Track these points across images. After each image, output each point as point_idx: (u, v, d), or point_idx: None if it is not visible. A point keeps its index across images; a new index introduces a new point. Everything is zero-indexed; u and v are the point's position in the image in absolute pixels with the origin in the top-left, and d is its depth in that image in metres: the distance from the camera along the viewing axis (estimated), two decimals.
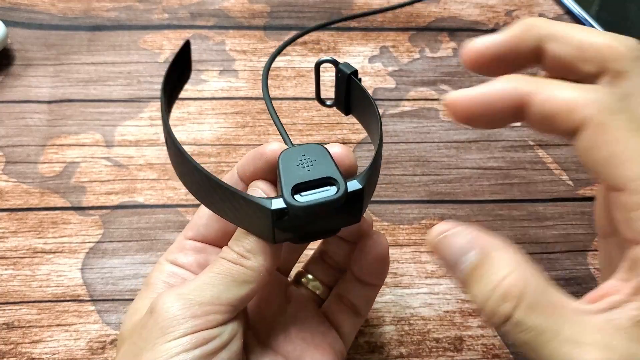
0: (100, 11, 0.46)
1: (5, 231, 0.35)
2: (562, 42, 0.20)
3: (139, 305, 0.24)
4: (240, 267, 0.22)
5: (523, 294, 0.17)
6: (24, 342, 0.32)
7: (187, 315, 0.21)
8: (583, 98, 0.18)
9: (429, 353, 0.32)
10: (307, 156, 0.22)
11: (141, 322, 0.23)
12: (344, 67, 0.26)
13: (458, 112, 0.20)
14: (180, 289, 0.22)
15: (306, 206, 0.21)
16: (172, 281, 0.25)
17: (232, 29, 0.46)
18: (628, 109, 0.17)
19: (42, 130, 0.39)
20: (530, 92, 0.19)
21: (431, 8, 0.48)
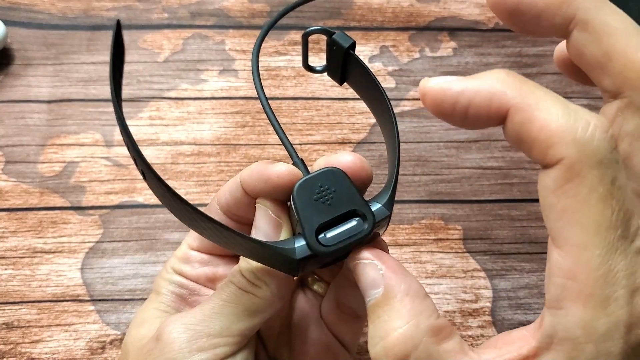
0: (99, 11, 0.46)
1: (5, 231, 0.35)
2: (592, 39, 0.17)
3: (146, 316, 0.24)
4: (251, 295, 0.21)
5: (406, 355, 0.16)
6: (23, 342, 0.32)
7: (193, 348, 0.21)
8: (568, 132, 0.15)
9: None
10: (324, 186, 0.20)
11: (147, 346, 0.22)
12: (340, 38, 0.23)
13: (433, 103, 0.17)
14: (187, 318, 0.22)
15: (333, 251, 0.19)
16: (182, 293, 0.25)
17: (232, 28, 0.45)
18: (614, 165, 0.15)
19: (42, 129, 0.39)
20: (512, 103, 0.16)
21: (431, 7, 0.48)
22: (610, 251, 0.14)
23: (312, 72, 0.26)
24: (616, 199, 0.14)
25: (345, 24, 0.46)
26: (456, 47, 0.45)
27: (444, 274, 0.35)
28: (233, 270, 0.22)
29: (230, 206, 0.24)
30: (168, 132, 0.40)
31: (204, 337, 0.21)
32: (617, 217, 0.14)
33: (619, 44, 0.16)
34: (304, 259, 0.19)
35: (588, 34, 0.17)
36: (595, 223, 0.14)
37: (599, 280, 0.15)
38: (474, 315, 0.34)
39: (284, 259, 0.19)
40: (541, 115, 0.15)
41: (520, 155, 0.40)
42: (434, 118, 0.42)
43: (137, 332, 0.23)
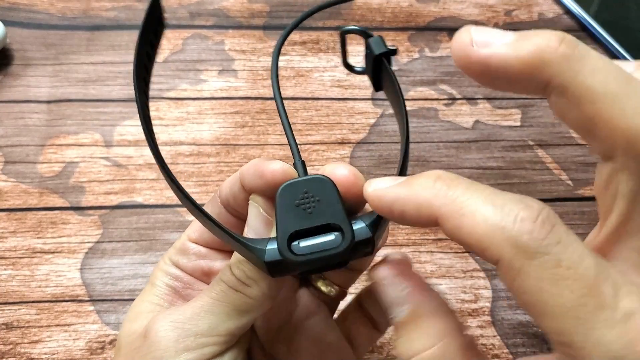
0: (99, 11, 0.46)
1: (4, 231, 0.35)
2: (572, 104, 0.15)
3: (140, 309, 0.24)
4: (241, 294, 0.21)
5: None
6: (23, 342, 0.32)
7: (180, 348, 0.20)
8: (495, 233, 0.14)
9: None
10: (310, 193, 0.19)
11: (135, 343, 0.22)
12: (374, 44, 0.22)
13: (375, 208, 0.18)
14: (176, 315, 0.21)
15: (302, 261, 0.18)
16: (177, 285, 0.25)
17: (232, 28, 0.45)
18: (553, 248, 0.14)
19: (41, 130, 0.39)
20: (439, 213, 0.16)
21: (431, 8, 0.48)
22: (589, 328, 0.14)
23: (351, 71, 0.25)
24: (571, 278, 0.14)
25: (345, 24, 0.46)
26: None
27: (444, 274, 0.35)
28: (223, 267, 0.22)
29: (229, 201, 0.24)
30: (167, 132, 0.40)
31: (191, 336, 0.21)
32: (579, 293, 0.14)
33: (602, 110, 0.15)
34: (273, 263, 0.18)
35: (567, 99, 0.15)
36: (560, 307, 0.14)
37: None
38: (473, 315, 0.34)
39: (255, 259, 0.19)
40: (467, 222, 0.15)
41: (520, 155, 0.40)
42: (434, 118, 0.42)
43: (130, 327, 0.23)
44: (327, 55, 0.44)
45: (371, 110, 0.42)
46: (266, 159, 0.21)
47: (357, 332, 0.26)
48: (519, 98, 0.43)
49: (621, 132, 0.15)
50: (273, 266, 0.18)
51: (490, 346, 0.32)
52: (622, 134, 0.15)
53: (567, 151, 0.40)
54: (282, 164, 0.21)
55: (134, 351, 0.21)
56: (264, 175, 0.21)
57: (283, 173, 0.20)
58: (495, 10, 0.47)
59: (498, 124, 0.41)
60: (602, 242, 0.17)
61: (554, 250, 0.14)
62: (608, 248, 0.17)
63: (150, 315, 0.23)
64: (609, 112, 0.15)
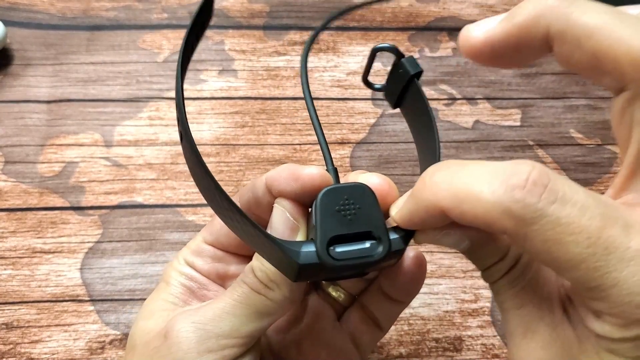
0: (99, 11, 0.46)
1: (4, 231, 0.35)
2: (574, 46, 0.16)
3: (154, 307, 0.24)
4: (263, 297, 0.21)
5: None
6: (23, 342, 0.32)
7: (202, 349, 0.20)
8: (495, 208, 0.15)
9: (429, 353, 0.32)
10: (350, 200, 0.19)
11: (154, 342, 0.22)
12: (408, 63, 0.23)
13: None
14: (197, 316, 0.21)
15: (340, 266, 0.18)
16: (192, 285, 0.25)
17: (232, 28, 0.45)
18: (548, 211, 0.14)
19: (41, 130, 0.39)
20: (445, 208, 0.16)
21: (431, 8, 0.48)
22: (605, 273, 0.14)
23: (369, 88, 0.25)
24: (574, 233, 0.14)
25: (345, 24, 0.46)
26: (455, 47, 0.45)
27: (444, 274, 0.35)
28: (246, 269, 0.22)
29: (250, 205, 0.24)
30: (167, 132, 0.40)
31: (212, 337, 0.21)
32: (585, 244, 0.14)
33: (602, 42, 0.15)
34: (307, 266, 0.18)
35: (567, 43, 0.16)
36: (571, 261, 0.14)
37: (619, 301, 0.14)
38: (473, 315, 0.34)
39: (287, 260, 0.19)
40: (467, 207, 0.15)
41: (520, 155, 0.40)
42: None
43: (145, 325, 0.23)
44: (327, 55, 0.44)
45: (371, 110, 0.42)
46: (299, 165, 0.22)
47: (361, 332, 0.26)
48: (518, 98, 0.43)
49: (625, 58, 0.15)
50: (305, 269, 0.19)
51: (491, 346, 0.33)
52: (627, 60, 0.15)
53: (567, 151, 0.40)
54: (319, 168, 0.21)
55: (153, 351, 0.21)
56: (300, 179, 0.21)
57: (321, 177, 0.21)
58: (495, 10, 0.48)
59: (498, 124, 0.41)
60: (623, 176, 0.17)
61: (550, 211, 0.14)
62: (629, 182, 0.17)
63: (164, 313, 0.23)
64: (608, 43, 0.15)
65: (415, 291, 0.25)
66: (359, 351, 0.26)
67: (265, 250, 0.20)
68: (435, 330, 0.33)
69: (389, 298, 0.25)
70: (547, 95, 0.43)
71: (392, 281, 0.24)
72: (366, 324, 0.26)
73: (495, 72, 0.44)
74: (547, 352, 0.17)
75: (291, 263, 0.19)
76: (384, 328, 0.26)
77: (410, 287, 0.24)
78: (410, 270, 0.24)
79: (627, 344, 0.15)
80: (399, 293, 0.25)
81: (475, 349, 0.32)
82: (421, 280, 0.24)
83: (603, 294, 0.14)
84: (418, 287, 0.25)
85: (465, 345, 0.33)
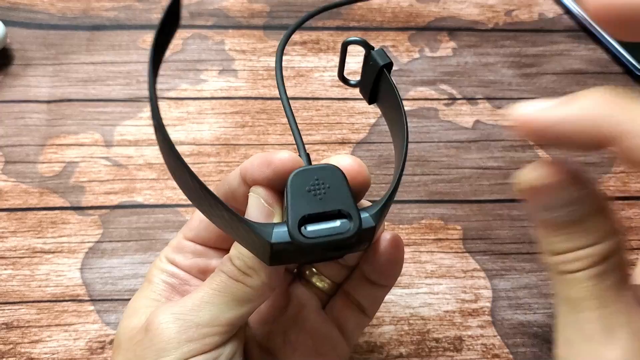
0: (99, 11, 0.46)
1: (5, 231, 0.35)
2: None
3: (138, 305, 0.24)
4: (241, 284, 0.21)
5: None
6: (23, 342, 0.32)
7: (182, 339, 0.21)
8: None
9: (429, 353, 0.32)
10: (320, 181, 0.20)
11: (137, 336, 0.22)
12: (377, 55, 0.23)
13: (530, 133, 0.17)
14: (177, 307, 0.22)
15: (312, 244, 0.19)
16: (173, 282, 0.25)
17: (232, 28, 0.45)
18: None
19: (42, 130, 0.39)
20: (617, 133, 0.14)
21: (431, 7, 0.48)
22: None
23: (345, 84, 0.25)
24: None
25: (345, 24, 0.46)
26: (455, 47, 0.45)
27: (444, 274, 0.35)
28: (223, 259, 0.22)
29: (227, 198, 0.24)
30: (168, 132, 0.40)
31: (193, 327, 0.21)
32: None
33: None
34: (279, 245, 0.19)
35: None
36: None
37: None
38: (473, 315, 0.34)
39: (260, 242, 0.19)
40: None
41: (520, 155, 0.40)
42: (434, 118, 0.42)
43: (129, 323, 0.23)
44: (328, 55, 0.44)
45: (371, 110, 0.42)
46: (271, 151, 0.22)
47: (346, 319, 0.26)
48: (519, 98, 0.43)
49: None
50: (278, 249, 0.19)
51: (491, 346, 0.33)
52: None
53: (566, 151, 0.40)
54: (290, 153, 0.21)
55: (136, 345, 0.22)
56: (272, 164, 0.21)
57: (292, 160, 0.21)
58: (495, 10, 0.47)
59: (498, 123, 0.41)
60: None
61: None
62: None
63: (147, 310, 0.23)
64: None
65: (395, 273, 0.25)
66: (345, 338, 0.26)
67: (240, 235, 0.20)
68: (435, 330, 0.33)
69: (371, 283, 0.25)
70: (547, 95, 0.43)
71: (371, 265, 0.25)
72: (351, 311, 0.26)
73: (495, 72, 0.44)
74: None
75: (264, 244, 0.19)
76: (369, 314, 0.27)
77: (389, 269, 0.25)
78: (388, 251, 0.24)
79: None
80: (379, 276, 0.25)
81: (476, 349, 0.32)
82: (399, 261, 0.25)
83: None
84: (397, 268, 0.25)
85: (466, 345, 0.33)
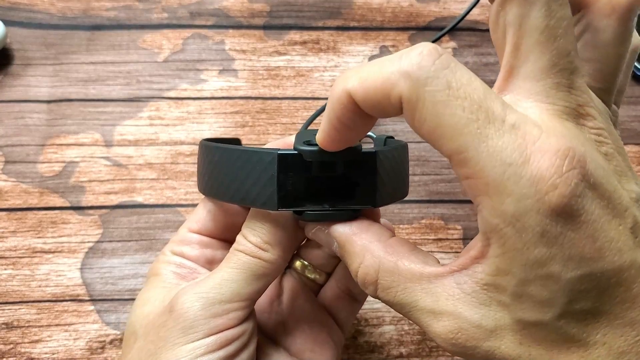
0: (99, 11, 0.46)
1: (5, 231, 0.35)
2: None
3: (149, 296, 0.24)
4: (258, 260, 0.22)
5: (376, 280, 0.19)
6: (23, 342, 0.32)
7: (208, 315, 0.21)
8: (393, 74, 0.16)
9: (429, 353, 0.32)
10: None
11: (159, 319, 0.22)
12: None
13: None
14: (198, 287, 0.22)
15: (315, 151, 0.20)
16: (182, 272, 0.25)
17: (232, 28, 0.45)
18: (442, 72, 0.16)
19: (42, 129, 0.39)
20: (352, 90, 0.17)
21: (431, 7, 0.48)
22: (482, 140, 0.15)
23: None
24: (461, 97, 0.15)
25: (345, 24, 0.46)
26: (456, 47, 0.45)
27: None
28: (237, 238, 0.23)
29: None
30: (168, 132, 0.40)
31: (216, 303, 0.22)
32: (470, 110, 0.15)
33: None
34: (284, 156, 0.20)
35: None
36: (455, 125, 0.15)
37: (492, 169, 0.15)
38: None
39: (265, 159, 0.20)
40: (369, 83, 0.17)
41: None
42: None
43: (142, 311, 0.24)
44: (328, 55, 0.44)
45: None
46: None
47: (338, 306, 0.28)
48: None
49: None
50: (284, 164, 0.20)
51: None
52: None
53: None
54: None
55: (158, 328, 0.22)
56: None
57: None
58: None
59: None
60: (500, 79, 0.18)
61: (442, 74, 0.16)
62: (506, 83, 0.18)
63: (160, 297, 0.23)
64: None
65: None
66: (339, 325, 0.28)
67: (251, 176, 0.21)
68: None
69: None
70: None
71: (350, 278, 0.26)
72: (342, 297, 0.28)
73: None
74: None
75: (270, 164, 0.20)
76: (360, 299, 0.28)
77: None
78: None
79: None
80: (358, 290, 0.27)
81: None
82: None
83: (478, 165, 0.15)
84: None
85: None
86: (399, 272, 0.18)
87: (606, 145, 0.17)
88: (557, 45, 0.16)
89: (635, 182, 0.17)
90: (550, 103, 0.16)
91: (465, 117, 0.15)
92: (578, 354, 0.16)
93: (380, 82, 0.16)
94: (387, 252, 0.19)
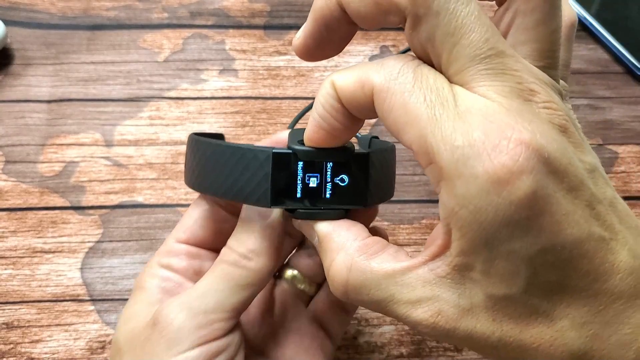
0: (99, 10, 0.46)
1: (5, 231, 0.35)
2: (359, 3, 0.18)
3: (135, 310, 0.24)
4: (243, 269, 0.22)
5: (347, 280, 0.19)
6: (23, 341, 0.32)
7: (192, 326, 0.21)
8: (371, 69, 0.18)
9: (429, 353, 0.32)
10: None
11: (143, 334, 0.22)
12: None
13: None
14: (182, 298, 0.22)
15: (310, 150, 0.20)
16: (167, 286, 0.25)
17: (232, 28, 0.45)
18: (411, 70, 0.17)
19: (42, 129, 0.39)
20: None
21: None
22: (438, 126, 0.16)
23: None
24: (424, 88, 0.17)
25: None
26: None
27: None
28: (222, 250, 0.23)
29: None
30: (168, 131, 0.40)
31: (200, 313, 0.21)
32: (430, 99, 0.16)
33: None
34: (279, 155, 0.21)
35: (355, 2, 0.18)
36: (416, 113, 0.16)
37: (444, 152, 0.16)
38: None
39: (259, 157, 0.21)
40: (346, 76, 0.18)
41: None
42: None
43: (126, 327, 0.23)
44: None
45: None
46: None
47: (329, 318, 0.27)
48: None
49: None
50: (279, 162, 0.21)
51: None
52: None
53: None
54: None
55: (143, 342, 0.22)
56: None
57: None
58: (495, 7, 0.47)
59: None
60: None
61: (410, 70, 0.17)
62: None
63: (144, 313, 0.23)
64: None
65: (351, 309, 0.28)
66: (329, 336, 0.27)
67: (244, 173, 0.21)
68: None
69: None
70: None
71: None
72: (332, 309, 0.28)
73: None
74: None
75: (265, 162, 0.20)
76: (350, 310, 0.28)
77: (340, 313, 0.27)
78: None
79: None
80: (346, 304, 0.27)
81: None
82: None
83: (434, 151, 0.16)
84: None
85: None
86: (371, 270, 0.18)
87: (558, 117, 0.17)
88: (472, 37, 0.17)
89: (590, 153, 0.18)
90: (490, 86, 0.17)
91: (426, 104, 0.16)
92: (544, 324, 0.17)
93: (357, 75, 0.18)
94: (360, 250, 0.19)
